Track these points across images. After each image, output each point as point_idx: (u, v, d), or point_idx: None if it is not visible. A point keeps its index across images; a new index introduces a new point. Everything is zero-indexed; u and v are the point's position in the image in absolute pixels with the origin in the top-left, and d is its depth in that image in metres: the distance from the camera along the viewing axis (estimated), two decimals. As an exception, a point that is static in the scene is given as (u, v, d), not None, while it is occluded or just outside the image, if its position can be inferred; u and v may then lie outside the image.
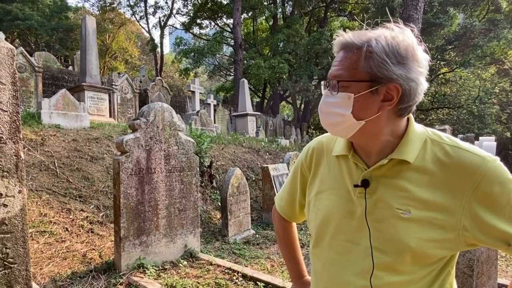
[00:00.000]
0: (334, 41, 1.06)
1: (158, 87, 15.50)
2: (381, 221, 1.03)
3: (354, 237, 1.08)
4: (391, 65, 0.95)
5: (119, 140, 3.90)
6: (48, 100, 7.57)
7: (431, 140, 1.05)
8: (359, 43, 0.98)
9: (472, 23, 21.72)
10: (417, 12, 13.39)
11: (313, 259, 1.25)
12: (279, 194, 1.48)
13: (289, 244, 1.52)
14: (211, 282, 3.78)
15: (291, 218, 1.47)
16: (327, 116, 1.08)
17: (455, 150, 1.00)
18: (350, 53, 1.00)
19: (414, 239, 0.97)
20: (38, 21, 23.19)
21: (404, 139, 1.05)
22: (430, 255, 0.99)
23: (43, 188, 5.03)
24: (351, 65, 1.00)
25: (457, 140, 1.04)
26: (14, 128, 2.52)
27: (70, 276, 3.72)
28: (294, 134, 21.63)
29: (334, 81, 1.03)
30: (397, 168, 1.04)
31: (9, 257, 2.54)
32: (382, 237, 1.02)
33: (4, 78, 2.48)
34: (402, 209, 1.00)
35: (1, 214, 2.47)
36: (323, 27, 25.11)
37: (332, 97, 1.04)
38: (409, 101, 1.00)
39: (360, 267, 1.06)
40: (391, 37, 0.96)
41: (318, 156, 1.27)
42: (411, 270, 1.01)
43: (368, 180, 1.07)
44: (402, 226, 0.99)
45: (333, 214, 1.14)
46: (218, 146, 9.19)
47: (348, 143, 1.15)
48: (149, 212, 4.09)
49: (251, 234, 6.12)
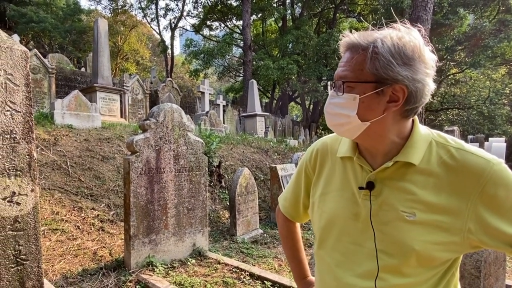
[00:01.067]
0: (340, 41, 1.05)
1: (169, 88, 15.56)
2: (386, 223, 1.02)
3: (358, 239, 1.08)
4: (397, 66, 0.94)
5: (130, 140, 3.93)
6: (61, 101, 7.65)
7: (436, 142, 1.04)
8: (365, 44, 0.97)
9: (482, 23, 21.41)
10: (426, 13, 13.25)
11: (318, 260, 1.24)
12: (283, 194, 1.47)
13: (292, 245, 1.51)
14: (219, 281, 3.78)
15: (295, 219, 1.46)
16: (333, 117, 1.08)
17: (461, 153, 0.99)
18: (356, 54, 1.00)
19: (419, 242, 0.96)
20: (52, 23, 23.41)
21: (409, 141, 1.04)
22: (435, 258, 0.99)
23: (55, 186, 5.08)
24: (357, 66, 0.99)
25: (462, 143, 1.03)
26: (27, 128, 2.56)
27: (81, 273, 3.76)
28: (303, 134, 21.57)
29: (339, 81, 1.02)
30: (402, 171, 1.03)
31: (21, 254, 2.57)
32: (387, 240, 1.02)
33: (18, 79, 2.52)
34: (407, 211, 0.99)
35: (14, 212, 2.51)
36: (332, 28, 25.00)
37: (337, 98, 1.04)
38: (415, 102, 0.99)
39: (364, 269, 1.06)
40: (397, 37, 0.96)
41: (323, 157, 1.26)
42: (416, 273, 1.00)
43: (373, 182, 1.06)
44: (407, 228, 0.98)
45: (337, 216, 1.13)
46: (227, 146, 9.20)
47: (353, 145, 1.15)
48: (158, 211, 4.11)
49: (259, 233, 6.11)
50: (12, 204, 2.49)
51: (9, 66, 2.47)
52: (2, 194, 2.44)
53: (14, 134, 2.48)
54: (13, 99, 2.48)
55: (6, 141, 2.45)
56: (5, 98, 2.44)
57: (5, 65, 2.46)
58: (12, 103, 2.48)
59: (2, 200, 2.44)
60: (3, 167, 2.44)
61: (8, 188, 2.47)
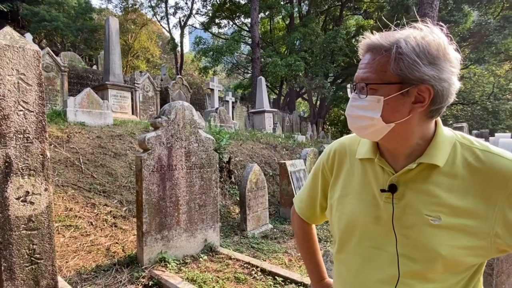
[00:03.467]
0: (359, 43, 1.00)
1: (179, 85, 15.54)
2: (410, 227, 0.97)
3: (380, 243, 1.03)
4: (422, 65, 0.89)
5: (141, 138, 3.89)
6: (74, 99, 7.62)
7: (461, 144, 0.99)
8: (388, 45, 0.92)
9: (487, 20, 21.19)
10: (432, 10, 13.22)
11: (337, 263, 1.19)
12: (299, 196, 1.42)
13: (309, 247, 1.45)
14: (230, 277, 3.75)
15: (311, 220, 1.40)
16: (355, 120, 1.02)
17: (486, 155, 0.94)
18: (378, 55, 0.95)
19: (445, 247, 0.92)
20: (64, 22, 23.43)
21: (433, 142, 0.99)
22: (462, 263, 0.94)
23: (68, 183, 5.06)
24: (380, 68, 0.94)
25: (488, 144, 0.98)
26: (40, 128, 2.52)
27: (94, 269, 3.73)
28: (310, 130, 21.51)
29: (362, 84, 0.97)
30: (426, 173, 0.98)
31: (35, 253, 2.54)
32: (411, 244, 0.97)
33: (31, 79, 2.48)
34: (432, 215, 0.94)
35: (28, 211, 2.47)
36: (339, 25, 24.92)
37: (360, 101, 0.99)
38: (441, 102, 0.95)
39: (386, 274, 1.01)
40: (421, 37, 0.91)
41: (341, 158, 1.21)
42: (442, 278, 0.96)
43: (395, 185, 1.01)
44: (432, 233, 0.93)
45: (357, 218, 1.08)
46: (237, 142, 9.17)
47: (374, 146, 1.10)
48: (170, 208, 4.08)
49: (269, 228, 6.09)
50: (25, 203, 2.46)
51: (21, 66, 2.44)
52: (16, 193, 2.41)
53: (27, 134, 2.44)
54: (26, 99, 2.44)
55: (19, 141, 2.41)
56: (18, 98, 2.41)
57: (18, 65, 2.42)
58: (25, 103, 2.44)
59: (16, 200, 2.41)
60: (16, 166, 2.40)
61: (22, 187, 2.44)
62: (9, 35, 2.44)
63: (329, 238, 5.63)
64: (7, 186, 2.37)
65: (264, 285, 3.63)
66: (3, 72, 2.34)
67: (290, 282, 3.68)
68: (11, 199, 2.39)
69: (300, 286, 3.58)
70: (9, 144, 2.37)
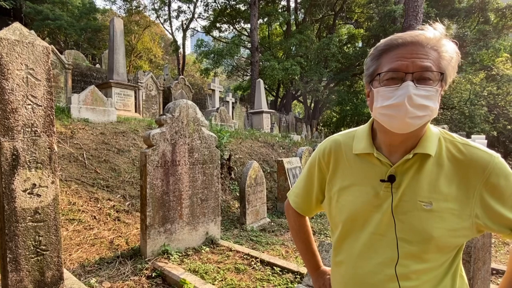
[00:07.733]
0: (402, 34, 1.01)
1: (181, 85, 15.44)
2: (406, 213, 1.03)
3: (380, 230, 1.08)
4: (455, 68, 1.00)
5: (146, 134, 3.83)
6: (78, 96, 7.50)
7: (444, 138, 1.07)
8: (435, 40, 0.98)
9: (464, 32, 22.23)
10: (417, 22, 14.12)
11: (337, 251, 1.22)
12: (293, 191, 1.43)
13: (305, 238, 1.48)
14: (231, 267, 3.74)
15: (306, 213, 1.43)
16: (415, 109, 0.96)
17: (467, 148, 1.03)
18: (429, 49, 0.98)
19: (437, 229, 0.99)
20: (67, 21, 23.01)
21: (425, 134, 1.06)
22: (451, 243, 1.01)
23: (72, 178, 4.98)
24: (435, 60, 0.97)
25: (466, 139, 1.07)
26: (48, 122, 2.45)
27: (98, 262, 3.66)
28: (305, 130, 21.59)
29: (427, 73, 0.97)
30: (420, 162, 1.04)
31: (41, 245, 2.47)
32: (407, 228, 1.03)
33: (40, 74, 2.42)
34: (424, 201, 1.01)
35: (35, 204, 2.40)
36: (332, 33, 25.11)
37: (423, 90, 0.97)
38: None
39: (386, 257, 1.06)
40: (452, 42, 1.01)
41: (337, 154, 1.23)
42: (433, 258, 1.02)
43: (394, 175, 1.06)
44: (425, 217, 1.00)
45: (359, 208, 1.11)
46: (236, 140, 9.14)
47: (370, 142, 1.14)
48: (173, 202, 4.03)
49: (267, 222, 6.13)
50: (32, 195, 2.39)
51: (30, 61, 2.37)
52: (23, 186, 2.34)
53: (35, 127, 2.38)
54: (35, 93, 2.38)
55: (27, 134, 2.34)
56: (27, 92, 2.34)
57: (27, 60, 2.35)
58: (33, 97, 2.37)
59: (23, 192, 2.34)
60: (24, 159, 2.33)
61: (29, 180, 2.37)
62: (18, 30, 2.37)
63: (323, 230, 5.69)
64: (14, 178, 2.30)
65: (263, 274, 3.63)
66: (12, 67, 2.28)
67: (288, 271, 3.72)
68: (18, 191, 2.32)
69: (297, 275, 3.62)
70: (17, 137, 2.30)
